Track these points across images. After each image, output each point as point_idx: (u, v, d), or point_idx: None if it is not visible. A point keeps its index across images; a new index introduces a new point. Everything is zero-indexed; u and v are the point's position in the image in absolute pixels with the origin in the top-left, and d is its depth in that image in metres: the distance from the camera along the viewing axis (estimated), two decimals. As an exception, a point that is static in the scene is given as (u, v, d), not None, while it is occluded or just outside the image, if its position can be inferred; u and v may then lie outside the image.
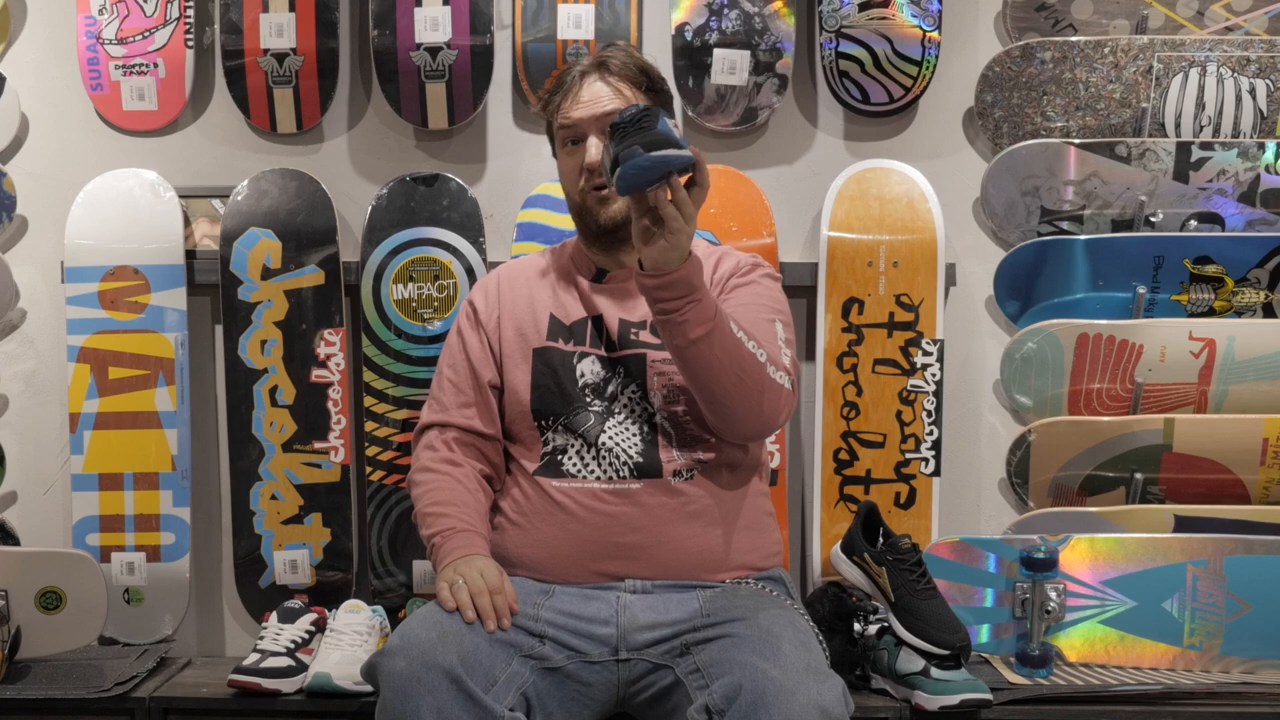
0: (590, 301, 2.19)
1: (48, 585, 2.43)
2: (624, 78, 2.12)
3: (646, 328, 2.14)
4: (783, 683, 1.77)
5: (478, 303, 2.25)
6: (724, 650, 1.87)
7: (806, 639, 1.91)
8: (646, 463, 2.09)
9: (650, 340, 2.14)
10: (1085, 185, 2.64)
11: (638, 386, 2.12)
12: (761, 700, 1.76)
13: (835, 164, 2.70)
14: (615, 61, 2.13)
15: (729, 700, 1.78)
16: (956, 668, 2.19)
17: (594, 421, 2.11)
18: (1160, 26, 2.67)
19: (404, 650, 1.87)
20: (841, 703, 1.81)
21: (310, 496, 2.64)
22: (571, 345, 2.16)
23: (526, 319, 2.20)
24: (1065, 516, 2.55)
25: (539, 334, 2.18)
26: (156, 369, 2.63)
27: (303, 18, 2.63)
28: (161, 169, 2.69)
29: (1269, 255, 2.61)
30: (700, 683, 1.87)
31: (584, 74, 2.13)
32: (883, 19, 2.63)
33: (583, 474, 2.10)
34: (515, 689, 1.90)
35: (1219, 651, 2.41)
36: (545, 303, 2.20)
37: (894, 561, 2.28)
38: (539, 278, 2.25)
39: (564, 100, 2.13)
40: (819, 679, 1.80)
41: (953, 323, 2.70)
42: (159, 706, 2.33)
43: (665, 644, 1.96)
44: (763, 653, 1.82)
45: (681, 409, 2.11)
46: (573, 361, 2.15)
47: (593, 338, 2.16)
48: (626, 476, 2.09)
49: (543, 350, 2.17)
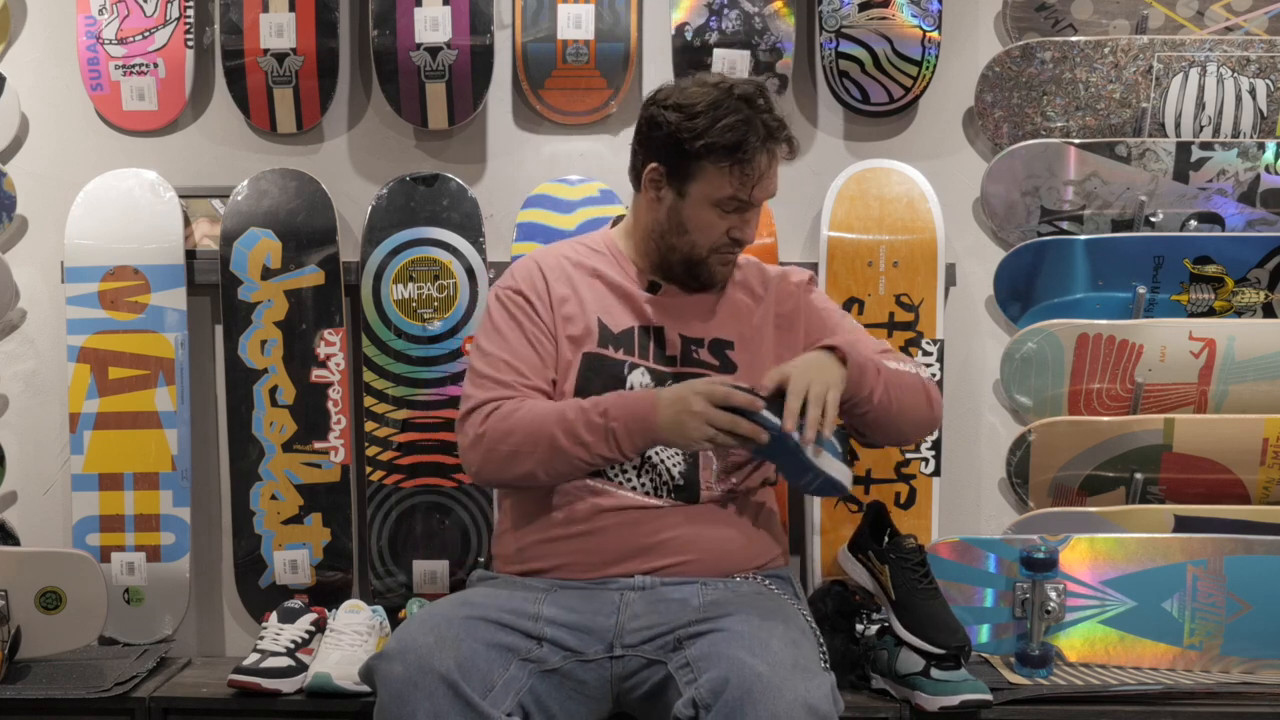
0: (643, 311, 2.15)
1: (48, 585, 2.43)
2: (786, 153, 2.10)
3: (706, 346, 2.14)
4: (770, 679, 1.77)
5: (524, 288, 2.15)
6: (713, 645, 1.87)
7: (798, 637, 1.91)
8: (687, 486, 2.09)
9: (711, 360, 2.13)
10: (1085, 185, 2.64)
11: None
12: (748, 695, 1.76)
13: (835, 164, 2.70)
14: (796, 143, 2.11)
15: (715, 694, 1.78)
16: (956, 668, 2.19)
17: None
18: (1160, 26, 2.67)
19: (401, 655, 1.87)
20: (829, 700, 1.81)
21: (310, 496, 2.64)
22: (621, 354, 2.12)
23: (576, 318, 2.14)
24: (1065, 516, 2.55)
25: (590, 337, 2.13)
26: (156, 369, 2.63)
27: (303, 18, 2.63)
28: (161, 169, 2.69)
29: (1269, 255, 2.61)
30: (689, 677, 1.86)
31: (772, 151, 2.06)
32: (883, 19, 2.63)
33: (620, 479, 2.08)
34: (513, 694, 1.89)
35: (1219, 651, 2.41)
36: (592, 304, 2.15)
37: (897, 560, 2.28)
38: (582, 274, 2.17)
39: (746, 169, 2.03)
40: (806, 676, 1.80)
41: (953, 323, 2.70)
42: (159, 706, 2.33)
43: (659, 639, 1.96)
44: (751, 648, 1.82)
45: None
46: (623, 371, 2.11)
47: (642, 349, 2.13)
48: (664, 495, 2.09)
49: (593, 356, 2.12)
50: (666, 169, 2.08)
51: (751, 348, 2.17)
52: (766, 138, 2.04)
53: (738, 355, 2.15)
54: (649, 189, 2.11)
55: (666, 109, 2.06)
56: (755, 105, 2.04)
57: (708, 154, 2.03)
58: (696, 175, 2.06)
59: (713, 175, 2.05)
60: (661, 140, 2.07)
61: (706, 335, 2.14)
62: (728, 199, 2.06)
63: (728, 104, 2.03)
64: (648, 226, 2.15)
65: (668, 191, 2.09)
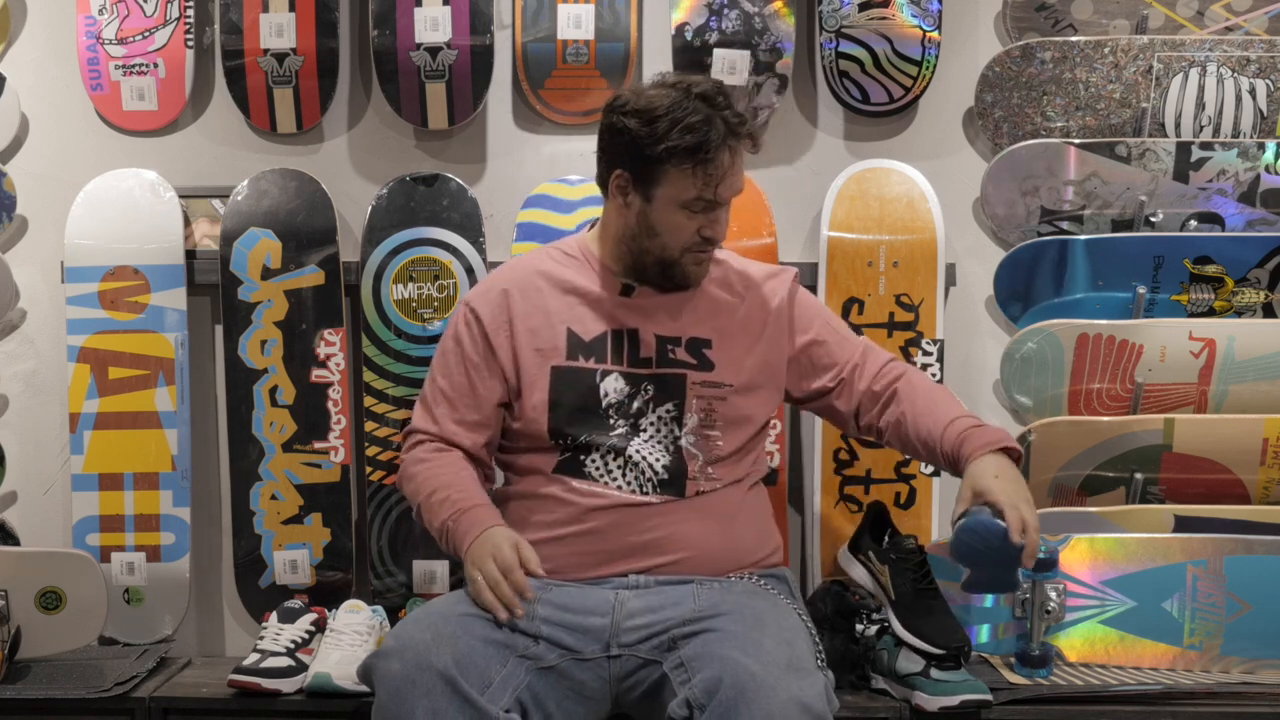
0: (615, 315, 2.15)
1: (48, 585, 2.43)
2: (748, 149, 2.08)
3: (683, 345, 2.14)
4: (763, 678, 1.77)
5: (482, 312, 2.18)
6: (707, 645, 1.87)
7: (793, 636, 1.91)
8: (672, 479, 2.10)
9: (688, 359, 2.13)
10: (1085, 185, 2.64)
11: (674, 406, 2.11)
12: (742, 695, 1.76)
13: (835, 164, 2.70)
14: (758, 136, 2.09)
15: (709, 694, 1.79)
16: (956, 668, 2.19)
17: (618, 439, 2.10)
18: (1160, 26, 2.67)
19: (399, 652, 1.87)
20: (823, 699, 1.81)
21: (310, 496, 2.64)
22: (593, 362, 2.13)
23: (542, 333, 2.14)
24: (1065, 516, 2.54)
25: (557, 350, 2.13)
26: (156, 369, 2.63)
27: (303, 18, 2.62)
28: (161, 169, 2.69)
29: (1269, 255, 2.60)
30: (683, 677, 1.87)
31: (734, 149, 2.03)
32: (883, 19, 2.63)
33: (604, 479, 2.09)
34: (511, 690, 1.90)
35: (1219, 651, 2.41)
36: (562, 315, 2.15)
37: (897, 560, 2.28)
38: (551, 286, 2.18)
39: (709, 169, 2.02)
40: (800, 675, 1.80)
41: (953, 323, 2.70)
42: (159, 706, 2.33)
43: (655, 639, 1.96)
44: (744, 648, 1.82)
45: (716, 434, 2.11)
46: (595, 380, 2.12)
47: (615, 354, 2.13)
48: (650, 491, 2.09)
49: (562, 369, 2.13)
50: (631, 175, 2.07)
51: (730, 346, 2.16)
52: (727, 135, 2.02)
53: (715, 353, 2.15)
54: (616, 195, 2.11)
55: (626, 115, 2.05)
56: (715, 104, 2.03)
57: (669, 158, 2.02)
58: (661, 179, 2.05)
59: (676, 178, 2.04)
60: (624, 147, 2.06)
61: (683, 334, 2.14)
62: (694, 200, 2.05)
63: (686, 105, 2.01)
64: (618, 231, 2.14)
65: (635, 197, 2.09)
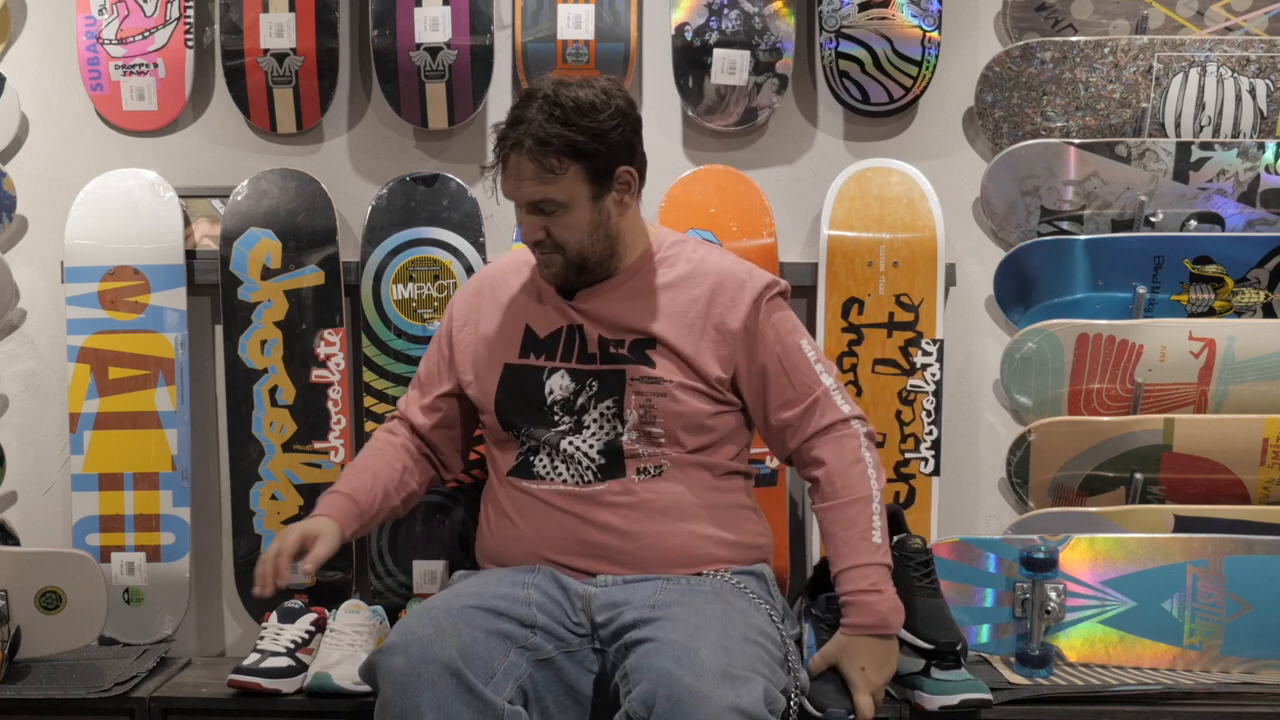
0: (567, 313, 2.19)
1: (48, 585, 2.43)
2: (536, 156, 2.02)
3: (626, 346, 2.15)
4: (697, 689, 1.78)
5: (457, 308, 2.31)
6: (645, 656, 1.88)
7: (734, 642, 1.90)
8: (609, 463, 2.12)
9: (627, 356, 2.15)
10: (1085, 185, 2.64)
11: (614, 402, 2.13)
12: (678, 707, 1.78)
13: (835, 164, 2.70)
14: (529, 140, 2.02)
15: (647, 708, 1.80)
16: (956, 668, 2.19)
17: (558, 434, 2.14)
18: (1160, 26, 2.67)
19: (403, 647, 1.88)
20: (761, 703, 1.82)
21: (310, 496, 2.63)
22: (543, 360, 2.18)
23: (504, 329, 2.22)
24: (1065, 516, 2.54)
25: (511, 348, 2.20)
26: (156, 369, 2.63)
27: (303, 18, 2.63)
28: (161, 169, 2.69)
29: (1269, 255, 2.61)
30: (627, 688, 1.88)
31: (508, 154, 2.05)
32: (883, 19, 2.63)
33: (550, 476, 2.14)
34: (513, 681, 1.93)
35: (1219, 651, 2.41)
36: (523, 312, 2.22)
37: (900, 559, 2.27)
38: (523, 282, 2.26)
39: (503, 171, 2.08)
40: (735, 683, 1.81)
41: (953, 323, 2.70)
42: (159, 706, 2.33)
43: (616, 641, 1.98)
44: (679, 659, 1.83)
45: (656, 429, 2.13)
46: (542, 378, 2.17)
47: (566, 351, 2.17)
48: (591, 480, 2.12)
49: (513, 367, 2.19)
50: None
51: (676, 347, 2.14)
52: (500, 140, 2.07)
53: (658, 354, 2.14)
54: None
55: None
56: (514, 108, 2.08)
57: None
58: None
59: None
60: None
61: (626, 336, 2.15)
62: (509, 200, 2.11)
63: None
64: None
65: None
